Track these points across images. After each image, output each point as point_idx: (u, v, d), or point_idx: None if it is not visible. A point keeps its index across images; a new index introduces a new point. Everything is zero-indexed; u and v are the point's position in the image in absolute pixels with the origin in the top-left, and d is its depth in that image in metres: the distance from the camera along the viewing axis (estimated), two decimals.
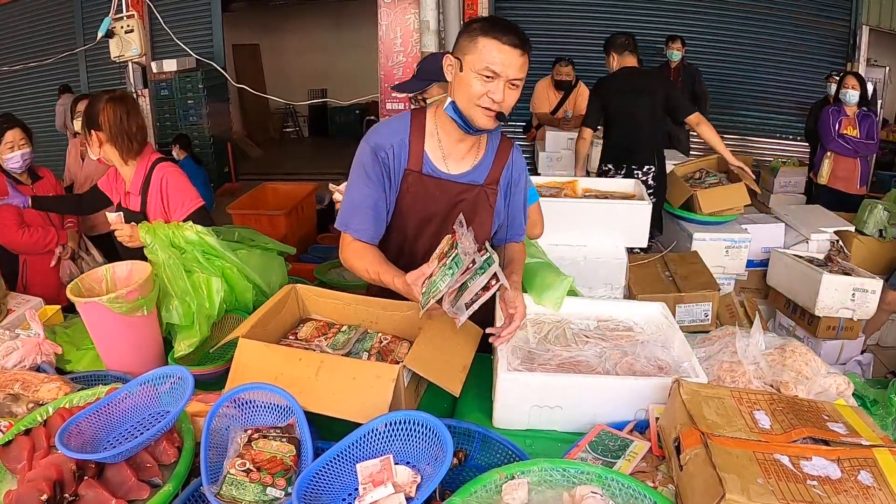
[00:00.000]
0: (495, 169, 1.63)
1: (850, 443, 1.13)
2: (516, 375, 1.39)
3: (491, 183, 1.63)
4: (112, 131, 2.13)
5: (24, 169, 2.79)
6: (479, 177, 1.62)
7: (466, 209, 1.58)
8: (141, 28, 4.34)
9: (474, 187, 1.61)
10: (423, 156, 1.57)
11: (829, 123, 4.43)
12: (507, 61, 1.42)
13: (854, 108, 4.42)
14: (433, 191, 1.59)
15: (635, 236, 2.81)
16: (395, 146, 1.56)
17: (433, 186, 1.58)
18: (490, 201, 1.64)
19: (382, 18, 3.73)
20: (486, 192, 1.63)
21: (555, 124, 5.42)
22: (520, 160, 1.70)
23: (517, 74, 1.44)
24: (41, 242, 2.80)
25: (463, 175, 1.61)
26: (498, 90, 1.43)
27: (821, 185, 4.58)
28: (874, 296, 3.04)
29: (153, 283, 1.64)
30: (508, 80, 1.43)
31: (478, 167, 1.62)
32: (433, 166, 1.58)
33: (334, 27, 10.69)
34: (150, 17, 5.32)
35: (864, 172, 4.53)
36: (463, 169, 1.61)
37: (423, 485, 1.06)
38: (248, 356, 1.42)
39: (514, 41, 1.42)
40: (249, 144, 9.84)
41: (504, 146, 1.66)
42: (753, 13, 6.52)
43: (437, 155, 1.58)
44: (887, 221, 3.49)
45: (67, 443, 1.14)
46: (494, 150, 1.64)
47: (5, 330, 1.71)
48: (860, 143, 4.40)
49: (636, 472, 1.20)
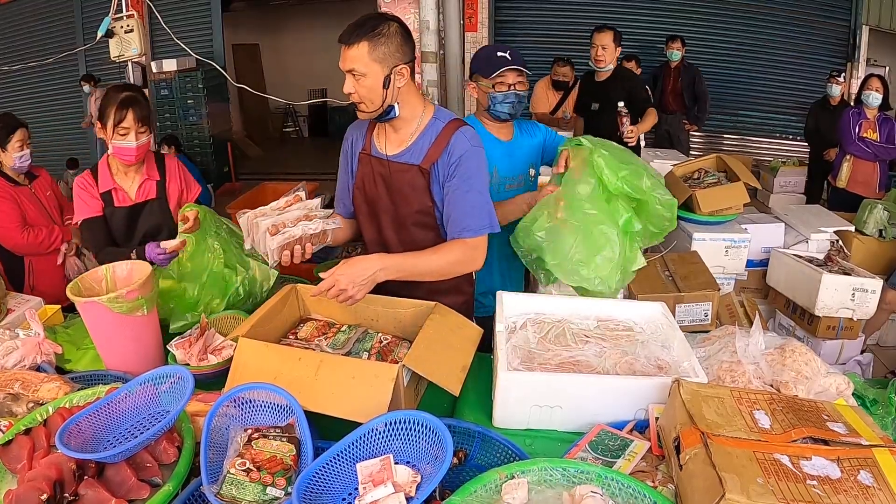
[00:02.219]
0: (432, 151, 1.67)
1: (849, 443, 1.13)
2: (516, 375, 1.39)
3: (427, 162, 1.67)
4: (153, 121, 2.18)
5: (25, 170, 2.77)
6: (414, 158, 1.69)
7: (404, 187, 1.70)
8: (141, 28, 4.34)
9: (410, 167, 1.69)
10: (371, 139, 1.77)
11: (850, 126, 4.33)
12: (341, 57, 1.56)
13: (875, 112, 4.32)
14: (377, 168, 1.74)
15: None
16: (356, 136, 1.80)
17: (377, 165, 1.74)
18: (426, 178, 1.68)
19: None
20: (421, 171, 1.68)
21: (554, 124, 5.42)
22: (462, 143, 1.64)
23: (347, 67, 1.56)
24: (46, 242, 2.76)
25: (398, 155, 1.71)
26: (347, 84, 1.59)
27: (839, 188, 4.49)
28: (874, 296, 3.04)
29: (153, 283, 1.64)
30: (348, 71, 1.57)
31: (411, 148, 1.69)
32: (376, 149, 1.75)
33: (335, 27, 10.54)
34: (150, 17, 5.32)
35: (883, 177, 4.44)
36: (397, 150, 1.71)
37: (423, 484, 1.06)
38: (247, 356, 1.42)
39: (342, 37, 1.55)
40: (249, 144, 9.84)
41: (448, 128, 1.66)
42: (754, 13, 6.52)
43: (381, 140, 1.75)
44: (887, 221, 3.49)
45: (67, 442, 1.14)
46: (436, 133, 1.67)
47: (5, 330, 1.71)
48: (880, 147, 4.31)
49: (636, 471, 1.20)
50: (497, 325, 1.57)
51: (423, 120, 1.68)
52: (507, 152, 2.17)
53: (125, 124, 2.03)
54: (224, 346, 1.67)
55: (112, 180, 2.17)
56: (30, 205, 2.77)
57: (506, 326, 1.63)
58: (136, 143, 2.07)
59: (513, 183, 2.18)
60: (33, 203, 2.79)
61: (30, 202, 2.77)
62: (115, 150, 2.10)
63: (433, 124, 1.68)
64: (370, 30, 1.52)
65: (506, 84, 2.04)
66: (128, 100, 2.04)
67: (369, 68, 1.54)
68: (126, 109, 2.03)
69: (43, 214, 2.82)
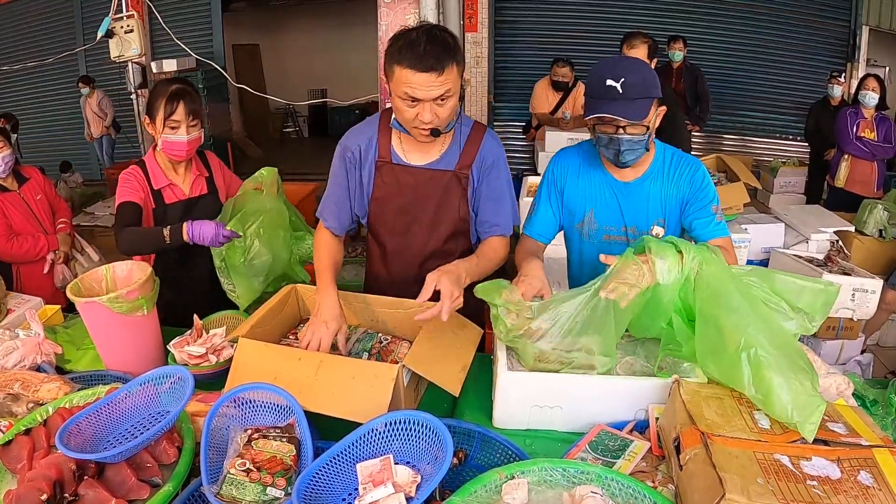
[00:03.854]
0: (466, 154, 1.65)
1: (849, 443, 1.13)
2: (516, 375, 1.39)
3: (463, 167, 1.65)
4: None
5: (8, 172, 2.70)
6: (448, 164, 1.65)
7: (438, 194, 1.65)
8: (141, 28, 4.33)
9: (445, 172, 1.65)
10: (391, 149, 1.66)
11: (847, 126, 4.36)
12: (424, 86, 1.42)
13: (872, 111, 4.35)
14: (404, 178, 1.66)
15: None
16: (363, 145, 1.67)
17: (403, 174, 1.66)
18: (462, 185, 1.66)
19: (382, 18, 3.72)
20: (458, 177, 1.65)
21: (555, 125, 5.42)
22: (493, 145, 1.66)
23: (438, 94, 1.44)
24: (32, 251, 2.71)
25: (432, 164, 1.65)
26: (425, 112, 1.45)
27: (837, 187, 4.51)
28: (874, 296, 3.04)
29: (153, 283, 1.64)
30: (432, 100, 1.44)
31: (445, 155, 1.65)
32: (399, 157, 1.66)
33: (334, 27, 10.68)
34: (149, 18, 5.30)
35: (881, 176, 4.47)
36: (428, 160, 1.65)
37: (423, 485, 1.05)
38: (247, 356, 1.42)
39: (426, 65, 1.39)
40: (249, 144, 9.83)
41: (476, 132, 1.66)
42: (754, 13, 6.52)
43: (400, 150, 1.66)
44: (887, 221, 3.49)
45: (67, 443, 1.14)
46: (465, 136, 1.65)
47: (5, 330, 1.71)
48: (878, 146, 4.34)
49: (636, 472, 1.20)
50: None
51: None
52: (619, 194, 1.67)
53: (176, 117, 1.91)
54: (224, 346, 1.67)
55: (165, 177, 2.04)
56: (16, 211, 2.72)
57: None
58: (187, 137, 1.95)
59: (616, 235, 1.71)
60: (20, 209, 2.74)
61: (16, 209, 2.72)
62: (164, 146, 1.97)
63: (459, 129, 1.65)
64: (447, 47, 1.41)
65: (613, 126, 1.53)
66: (178, 92, 1.92)
67: (457, 87, 1.47)
68: (177, 102, 1.91)
69: (30, 221, 2.76)
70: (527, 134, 6.10)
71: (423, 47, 1.39)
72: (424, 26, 1.46)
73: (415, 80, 1.41)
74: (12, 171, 2.75)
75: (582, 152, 1.74)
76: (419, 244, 1.73)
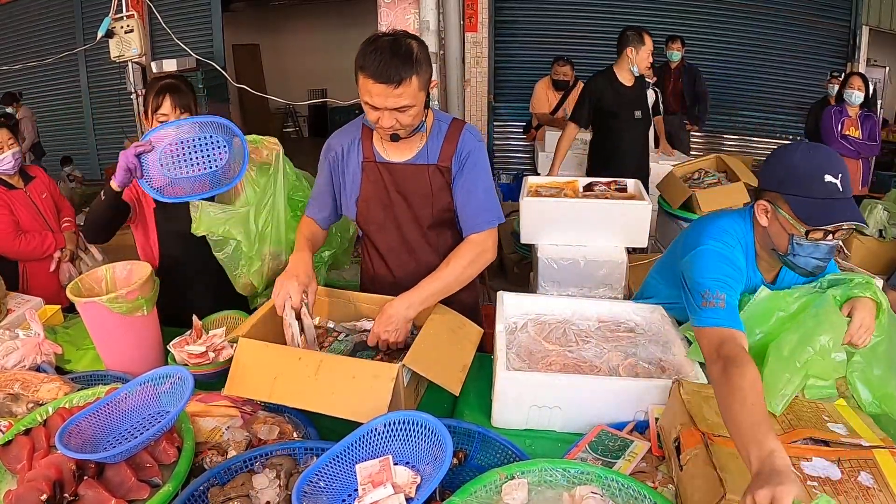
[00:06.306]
0: (446, 147, 1.66)
1: (850, 444, 1.13)
2: (516, 375, 1.39)
3: (444, 160, 1.66)
4: None
5: (16, 169, 2.72)
6: (430, 158, 1.67)
7: (422, 189, 1.67)
8: (141, 28, 4.33)
9: (427, 166, 1.67)
10: (374, 148, 1.70)
11: (832, 124, 4.40)
12: (381, 96, 1.44)
13: (856, 109, 4.39)
14: (387, 176, 1.69)
15: (635, 236, 2.80)
16: (345, 146, 1.71)
17: (386, 171, 1.69)
18: (445, 178, 1.67)
19: (382, 18, 3.72)
20: (440, 169, 1.66)
21: (555, 125, 5.42)
22: (471, 140, 1.67)
23: (395, 105, 1.46)
24: (39, 249, 2.73)
25: (412, 160, 1.68)
26: (384, 119, 1.48)
27: None
28: None
29: (153, 283, 1.64)
30: (389, 109, 1.46)
31: (423, 151, 1.67)
32: (381, 156, 1.70)
33: (335, 27, 10.68)
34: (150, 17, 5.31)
35: (866, 173, 4.52)
36: (408, 155, 1.68)
37: (423, 485, 1.05)
38: (247, 356, 1.42)
39: (384, 77, 1.41)
40: None
41: (454, 127, 1.68)
42: (753, 13, 6.52)
43: (381, 148, 1.70)
44: (887, 221, 3.49)
45: (67, 443, 1.14)
46: (444, 132, 1.67)
47: (5, 330, 1.71)
48: (863, 144, 4.38)
49: (636, 472, 1.20)
50: (497, 325, 1.58)
51: (427, 122, 1.65)
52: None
53: (163, 111, 1.91)
54: (224, 346, 1.67)
55: None
56: (24, 210, 2.73)
57: (506, 326, 1.63)
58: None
59: None
60: (27, 207, 2.75)
61: (24, 207, 2.73)
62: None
63: (437, 125, 1.68)
64: (407, 59, 1.42)
65: (821, 232, 1.33)
66: (166, 86, 1.92)
67: (417, 98, 1.48)
68: (163, 96, 1.90)
69: (37, 219, 2.78)
70: (527, 134, 6.10)
71: (384, 57, 1.41)
72: (393, 35, 1.47)
73: (373, 90, 1.44)
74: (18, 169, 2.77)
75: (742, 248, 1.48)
76: (413, 239, 1.75)
